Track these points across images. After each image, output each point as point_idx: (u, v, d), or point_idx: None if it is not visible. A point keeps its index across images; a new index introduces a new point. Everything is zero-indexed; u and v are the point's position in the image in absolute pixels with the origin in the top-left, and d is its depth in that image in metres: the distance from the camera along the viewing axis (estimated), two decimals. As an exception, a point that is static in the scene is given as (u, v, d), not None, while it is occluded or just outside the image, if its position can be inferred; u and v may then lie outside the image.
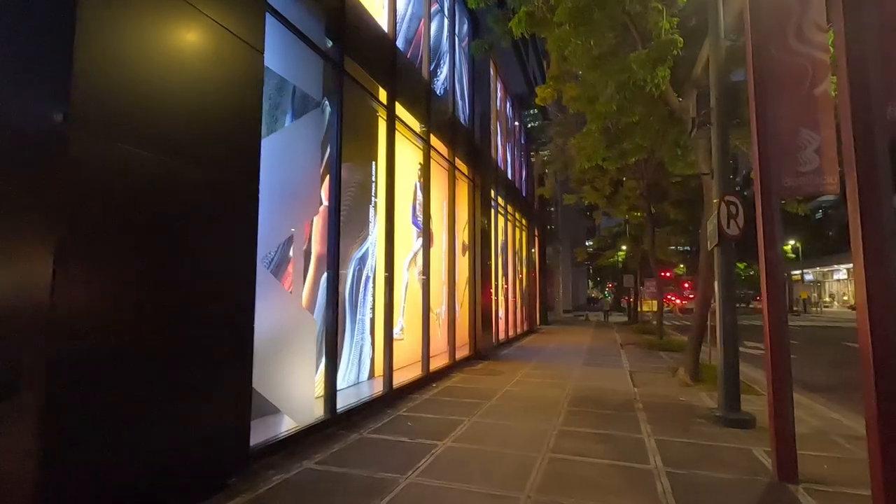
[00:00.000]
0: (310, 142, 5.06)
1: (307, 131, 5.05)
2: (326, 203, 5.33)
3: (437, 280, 9.43)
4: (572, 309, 37.60)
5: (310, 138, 5.07)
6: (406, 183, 8.24)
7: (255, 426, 3.88)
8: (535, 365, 9.65)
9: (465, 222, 10.81)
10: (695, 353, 7.97)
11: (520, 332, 16.22)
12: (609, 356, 11.27)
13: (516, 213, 16.23)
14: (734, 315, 5.39)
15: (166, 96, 2.98)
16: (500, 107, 15.58)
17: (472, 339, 10.40)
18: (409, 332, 8.06)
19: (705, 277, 7.99)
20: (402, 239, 8.27)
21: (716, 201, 5.55)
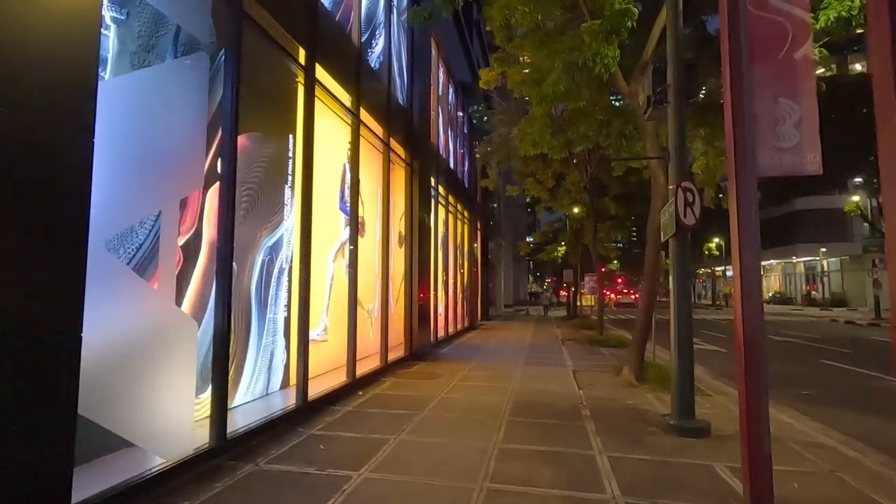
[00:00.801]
0: (190, 94, 4.00)
1: (185, 80, 3.98)
2: (220, 176, 4.28)
3: (369, 274, 8.51)
4: (513, 304, 37.74)
5: (190, 90, 4.00)
6: (332, 163, 7.25)
7: (95, 469, 2.84)
8: (474, 365, 8.98)
9: (403, 212, 9.94)
10: (639, 353, 7.59)
11: (460, 328, 15.60)
12: (551, 353, 10.84)
13: (458, 205, 15.55)
14: (690, 313, 4.92)
15: None
16: (443, 92, 14.80)
17: (407, 338, 9.58)
18: (335, 333, 7.10)
19: (651, 272, 7.62)
20: (328, 227, 7.28)
21: (672, 187, 5.05)
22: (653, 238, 7.56)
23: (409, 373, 8.18)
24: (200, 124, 4.12)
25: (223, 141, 4.18)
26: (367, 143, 8.24)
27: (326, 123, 6.86)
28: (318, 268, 7.03)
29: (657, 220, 7.51)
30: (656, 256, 7.55)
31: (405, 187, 9.86)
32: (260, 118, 5.39)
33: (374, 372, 7.52)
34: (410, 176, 9.88)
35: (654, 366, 7.85)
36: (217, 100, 4.31)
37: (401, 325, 9.69)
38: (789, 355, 11.82)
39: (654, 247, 7.55)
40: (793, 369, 9.57)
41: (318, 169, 6.81)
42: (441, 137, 14.13)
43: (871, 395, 7.33)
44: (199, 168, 4.10)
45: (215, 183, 4.26)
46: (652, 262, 7.57)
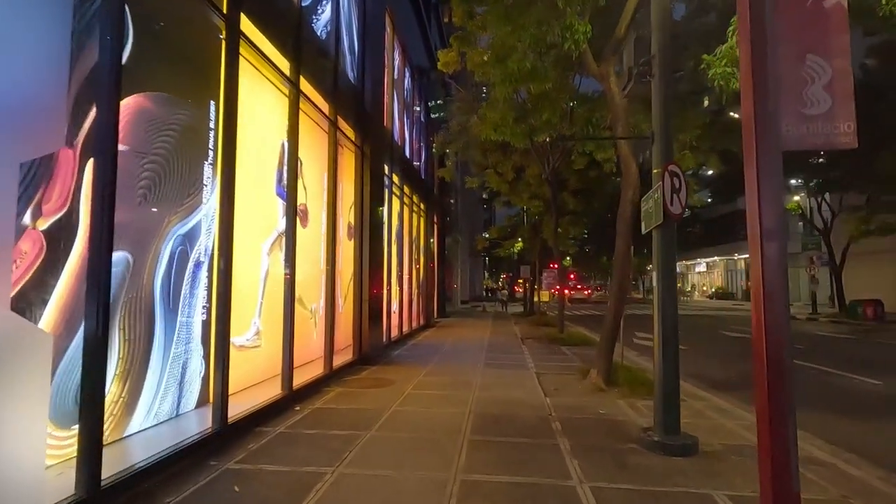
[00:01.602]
0: (38, 24, 2.98)
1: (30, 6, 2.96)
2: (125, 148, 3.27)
3: (313, 269, 7.55)
4: (469, 300, 37.31)
5: (39, 18, 2.98)
6: (268, 140, 6.26)
7: None
8: (431, 369, 8.21)
9: (353, 201, 9.00)
10: (608, 354, 7.06)
11: (415, 327, 14.79)
12: (511, 353, 10.23)
13: (414, 197, 14.71)
14: (675, 313, 4.35)
15: None
16: (399, 77, 13.89)
17: (357, 339, 8.68)
18: (270, 337, 6.13)
19: (621, 267, 7.10)
20: (262, 214, 6.29)
21: (657, 171, 4.45)
22: (623, 230, 7.04)
23: (358, 380, 7.30)
24: (55, 67, 3.10)
25: (100, 95, 3.16)
26: (309, 121, 7.27)
27: (259, 91, 5.85)
28: (250, 261, 6.05)
29: (628, 211, 7.00)
30: (627, 250, 7.04)
31: (355, 174, 8.92)
32: (167, 75, 4.36)
33: (316, 381, 6.59)
34: (361, 161, 8.95)
35: (622, 368, 7.35)
36: (95, 41, 3.28)
37: (349, 325, 8.78)
38: (743, 352, 11.78)
39: (625, 240, 7.03)
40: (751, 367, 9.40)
41: (249, 145, 5.82)
42: (396, 124, 13.23)
43: (839, 395, 7.13)
44: (52, 126, 3.08)
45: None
46: (622, 257, 7.05)
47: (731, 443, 4.50)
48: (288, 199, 6.09)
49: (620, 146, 7.03)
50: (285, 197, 6.78)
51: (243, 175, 5.81)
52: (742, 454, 4.16)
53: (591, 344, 11.70)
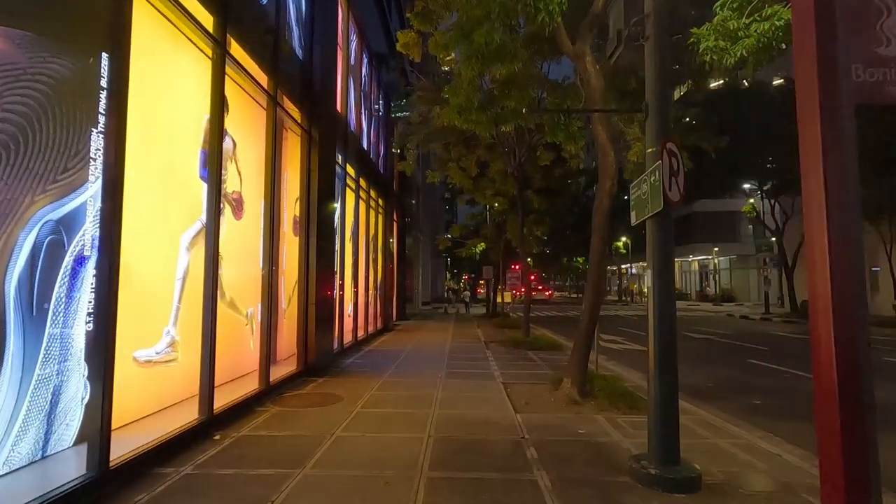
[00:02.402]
0: None
1: None
2: None
3: (249, 268, 6.51)
4: (431, 301, 36.45)
5: None
6: (186, 110, 5.20)
7: None
8: (386, 381, 7.30)
9: (300, 192, 7.97)
10: (582, 362, 6.38)
11: (372, 331, 13.80)
12: (475, 360, 9.45)
13: (372, 192, 13.73)
14: (674, 318, 3.65)
15: None
16: (356, 62, 12.90)
17: (301, 347, 7.65)
18: (191, 349, 5.06)
19: (597, 266, 6.44)
20: (181, 201, 5.23)
21: (651, 150, 3.74)
22: (600, 225, 6.38)
23: (300, 396, 6.30)
24: None
25: None
26: (243, 94, 6.24)
27: (172, 49, 4.80)
28: (163, 257, 4.98)
29: (606, 204, 6.35)
30: (603, 247, 6.38)
31: (302, 160, 7.90)
32: (36, 9, 3.29)
33: (247, 399, 5.56)
34: (308, 147, 7.93)
35: (598, 377, 6.68)
36: None
37: (293, 331, 7.75)
38: (714, 355, 11.49)
39: (601, 236, 6.38)
40: (727, 372, 9.01)
41: (161, 116, 4.77)
42: (352, 112, 12.24)
43: (820, 402, 6.72)
44: None
45: None
46: (598, 254, 6.39)
47: (734, 469, 3.84)
48: (210, 183, 5.04)
49: (598, 133, 6.36)
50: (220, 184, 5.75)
51: (153, 153, 4.77)
52: (752, 488, 3.50)
53: (560, 348, 11.10)
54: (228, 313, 6.32)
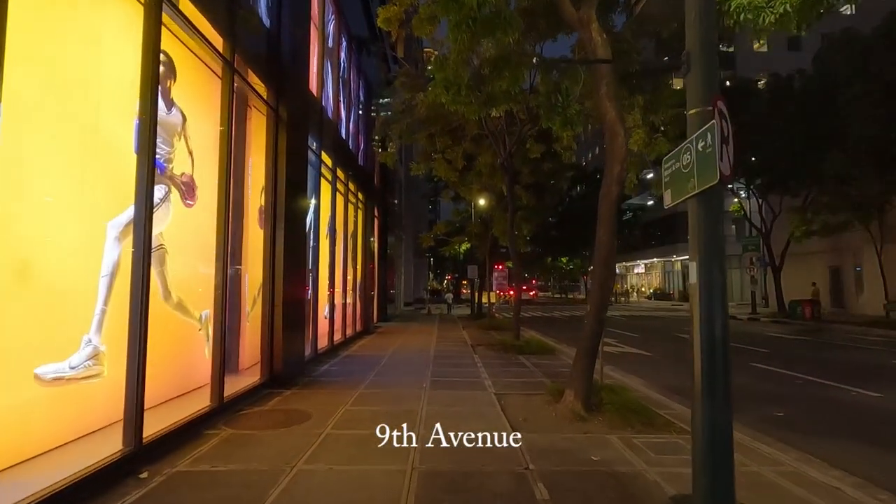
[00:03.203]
0: None
1: None
2: None
3: (202, 263, 5.55)
4: (413, 302, 35.52)
5: None
6: (110, 65, 4.26)
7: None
8: (363, 393, 6.41)
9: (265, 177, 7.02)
10: (587, 372, 5.59)
11: (351, 334, 12.86)
12: (463, 366, 8.61)
13: (351, 185, 12.79)
14: (726, 326, 2.86)
15: None
16: (333, 44, 11.96)
17: (266, 355, 6.70)
18: (120, 362, 4.09)
19: (605, 261, 5.66)
20: (109, 181, 4.29)
21: (695, 112, 2.95)
22: (607, 214, 5.61)
23: (260, 414, 5.37)
24: None
25: None
26: (192, 58, 5.30)
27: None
28: (82, 248, 4.04)
29: (614, 191, 5.57)
30: (611, 240, 5.61)
31: (268, 142, 6.95)
32: None
33: (193, 421, 4.62)
34: (275, 127, 6.99)
35: (605, 389, 5.91)
36: None
37: (256, 337, 6.80)
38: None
39: (609, 227, 5.61)
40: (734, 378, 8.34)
41: (69, 72, 3.82)
42: (330, 98, 11.30)
43: (850, 414, 6.08)
44: None
45: None
46: (605, 249, 5.60)
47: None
48: (141, 158, 4.09)
49: (605, 110, 5.59)
50: (158, 165, 4.80)
51: (67, 118, 3.82)
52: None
53: (552, 352, 10.35)
54: (176, 317, 5.36)
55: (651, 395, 6.46)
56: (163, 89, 5.10)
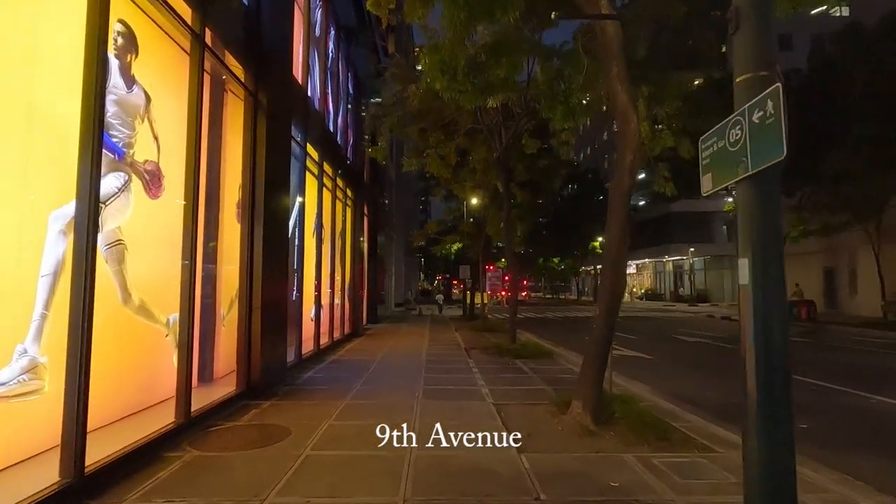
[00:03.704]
0: None
1: None
2: None
3: (170, 262, 4.95)
4: (404, 302, 34.92)
5: None
6: (53, 30, 3.67)
7: None
8: (349, 404, 5.85)
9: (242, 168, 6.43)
10: (595, 380, 5.09)
11: (339, 337, 12.27)
12: (457, 372, 8.09)
13: (339, 181, 12.20)
14: (786, 335, 2.35)
15: None
16: (321, 33, 11.38)
17: (243, 363, 6.11)
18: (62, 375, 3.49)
19: (615, 260, 5.17)
20: (50, 164, 3.71)
21: (745, 78, 2.46)
22: (619, 208, 5.12)
23: (232, 430, 4.79)
24: None
25: None
26: (152, 27, 4.72)
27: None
28: (17, 245, 3.45)
29: (626, 182, 5.08)
30: (623, 235, 5.11)
31: (246, 129, 6.36)
32: None
33: (152, 442, 4.03)
34: (254, 113, 6.40)
35: (615, 399, 5.40)
36: None
37: (232, 343, 6.20)
38: (717, 363, 10.45)
39: (621, 221, 5.11)
40: (743, 383, 7.91)
41: (11, 41, 3.24)
42: (317, 88, 10.72)
43: (876, 425, 5.64)
44: None
45: None
46: (616, 245, 5.11)
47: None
48: (85, 138, 3.50)
49: (616, 93, 5.10)
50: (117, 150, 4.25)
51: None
52: None
53: (549, 356, 9.86)
54: (138, 322, 4.77)
55: (660, 405, 5.98)
56: (122, 65, 4.53)
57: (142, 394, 4.85)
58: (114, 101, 4.39)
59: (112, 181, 4.40)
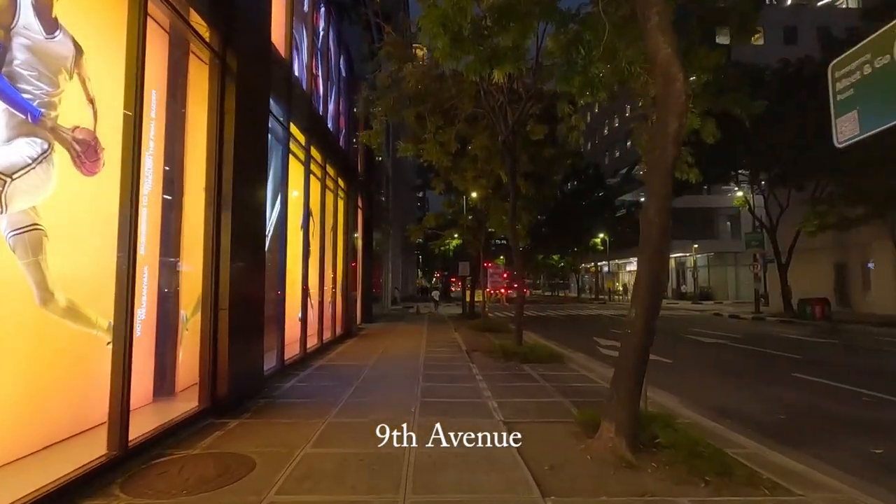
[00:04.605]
0: None
1: None
2: None
3: (108, 253, 3.98)
4: (401, 300, 33.98)
5: None
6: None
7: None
8: (331, 424, 4.91)
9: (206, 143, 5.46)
10: (631, 398, 4.17)
11: (330, 338, 11.32)
12: (459, 380, 7.16)
13: (329, 169, 11.24)
14: None
15: None
16: (308, 8, 10.40)
17: (206, 375, 5.16)
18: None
19: (657, 247, 4.24)
20: None
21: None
22: (661, 188, 4.20)
23: (182, 463, 3.84)
24: None
25: None
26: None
27: None
28: None
29: (669, 155, 4.15)
30: (666, 223, 4.19)
31: (211, 97, 5.39)
32: None
33: (68, 486, 3.09)
34: (221, 79, 5.44)
35: (653, 419, 4.48)
36: None
37: (195, 350, 5.25)
38: (744, 366, 9.56)
39: (664, 203, 4.19)
40: (783, 393, 7.02)
41: None
42: (304, 65, 9.76)
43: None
44: None
45: None
46: (659, 233, 4.19)
47: None
48: None
49: (658, 47, 4.16)
50: (33, 112, 3.31)
51: None
52: None
53: (559, 360, 8.95)
54: (65, 326, 3.83)
55: (702, 423, 5.07)
56: (38, 2, 3.57)
57: (71, 417, 3.91)
58: (24, 45, 3.43)
59: (23, 148, 3.45)
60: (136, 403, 4.56)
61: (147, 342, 4.96)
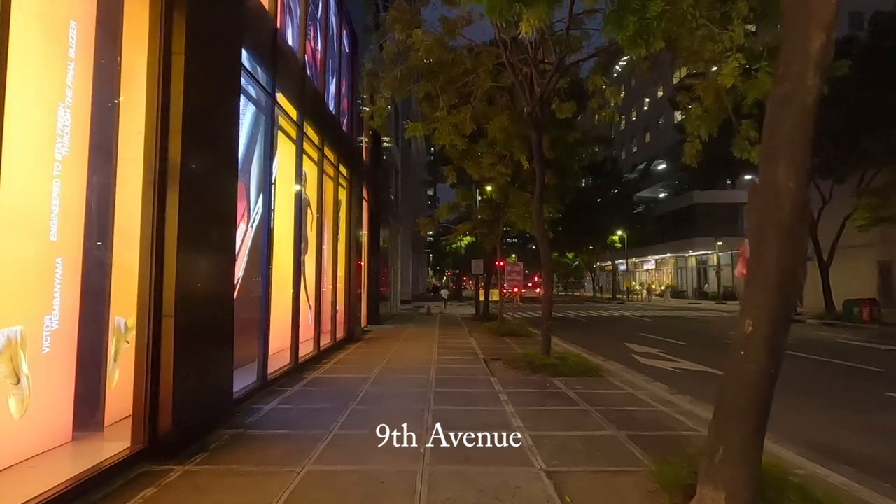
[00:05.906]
0: None
1: None
2: None
3: (21, 245, 2.67)
4: (412, 299, 32.67)
5: None
6: None
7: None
8: (310, 474, 3.57)
9: (146, 92, 4.15)
10: (751, 452, 2.76)
11: (329, 343, 10.03)
12: (480, 402, 5.79)
13: (327, 151, 9.94)
14: None
15: None
16: (303, -32, 9.07)
17: (142, 405, 3.82)
18: None
19: (789, 222, 2.82)
20: None
21: None
22: (794, 125, 2.77)
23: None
24: None
25: None
26: None
27: None
28: None
29: (811, 83, 2.69)
30: (804, 178, 2.77)
31: (152, 38, 4.06)
32: None
33: None
34: (165, 7, 4.10)
35: (788, 487, 3.05)
36: None
37: (129, 371, 3.95)
38: (818, 382, 8.06)
39: (799, 154, 2.77)
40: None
41: None
42: (297, 28, 8.46)
43: None
44: None
45: None
46: (791, 205, 2.76)
47: None
48: None
49: None
50: None
51: None
52: None
53: (596, 373, 7.55)
54: None
55: (814, 469, 3.65)
56: None
57: None
58: None
59: None
60: (41, 445, 3.28)
61: (62, 360, 3.67)
